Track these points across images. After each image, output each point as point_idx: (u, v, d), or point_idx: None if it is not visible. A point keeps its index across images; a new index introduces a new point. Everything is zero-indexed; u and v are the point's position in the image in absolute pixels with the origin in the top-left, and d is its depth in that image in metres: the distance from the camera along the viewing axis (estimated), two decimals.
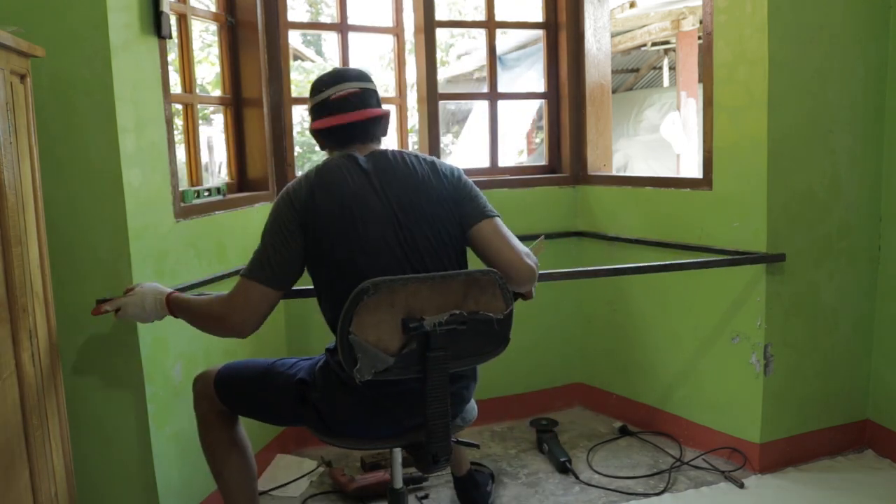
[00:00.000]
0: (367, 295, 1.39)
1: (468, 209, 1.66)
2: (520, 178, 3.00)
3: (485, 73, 3.51)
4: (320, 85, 1.71)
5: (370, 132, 1.71)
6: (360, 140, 1.69)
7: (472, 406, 1.78)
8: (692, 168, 6.32)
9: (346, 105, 1.68)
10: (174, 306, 1.67)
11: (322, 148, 1.77)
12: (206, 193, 2.32)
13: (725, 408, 2.52)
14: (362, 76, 1.73)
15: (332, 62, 10.20)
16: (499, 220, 1.68)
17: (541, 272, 2.12)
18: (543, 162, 3.15)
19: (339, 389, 1.60)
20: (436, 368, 1.45)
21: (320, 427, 1.67)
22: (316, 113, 1.72)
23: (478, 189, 1.72)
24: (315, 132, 1.72)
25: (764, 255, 2.33)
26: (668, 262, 2.35)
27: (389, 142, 1.92)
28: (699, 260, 2.42)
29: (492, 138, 3.14)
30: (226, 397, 1.76)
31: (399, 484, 1.78)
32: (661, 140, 6.94)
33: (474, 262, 1.67)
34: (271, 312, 1.60)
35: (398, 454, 1.77)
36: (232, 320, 1.57)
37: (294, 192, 1.60)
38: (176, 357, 2.03)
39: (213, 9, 2.57)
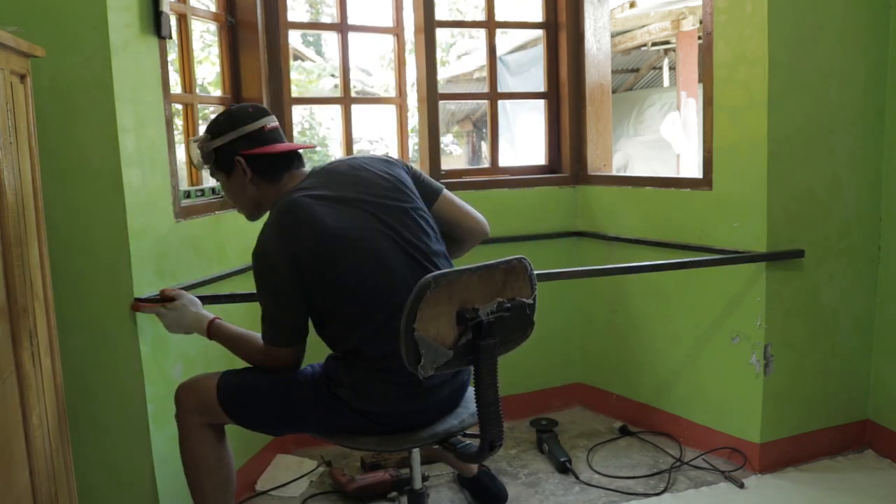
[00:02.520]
0: (429, 290, 1.41)
1: (425, 188, 1.80)
2: (520, 178, 3.00)
3: (485, 74, 3.51)
4: (246, 117, 1.70)
5: (301, 161, 1.77)
6: (294, 167, 1.74)
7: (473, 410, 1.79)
8: (692, 168, 6.32)
9: (280, 136, 1.75)
10: (214, 334, 1.76)
11: (230, 181, 1.73)
12: (198, 194, 2.33)
13: (725, 408, 2.52)
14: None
15: (332, 62, 10.20)
16: (448, 191, 1.86)
17: (542, 272, 2.13)
18: (544, 162, 3.15)
19: (373, 377, 1.62)
20: (487, 356, 1.49)
21: (354, 424, 1.67)
22: (248, 141, 1.69)
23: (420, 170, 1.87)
24: (251, 158, 1.69)
25: (781, 252, 2.34)
26: (686, 260, 2.34)
27: (389, 142, 1.96)
28: (716, 258, 2.41)
29: (492, 138, 3.15)
30: (236, 409, 1.70)
31: (419, 485, 1.79)
32: (661, 140, 6.94)
33: None
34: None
35: (417, 454, 1.78)
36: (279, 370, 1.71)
37: (275, 246, 1.58)
38: (176, 357, 2.03)
39: (213, 9, 2.57)
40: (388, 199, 1.67)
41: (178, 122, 2.62)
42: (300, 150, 1.77)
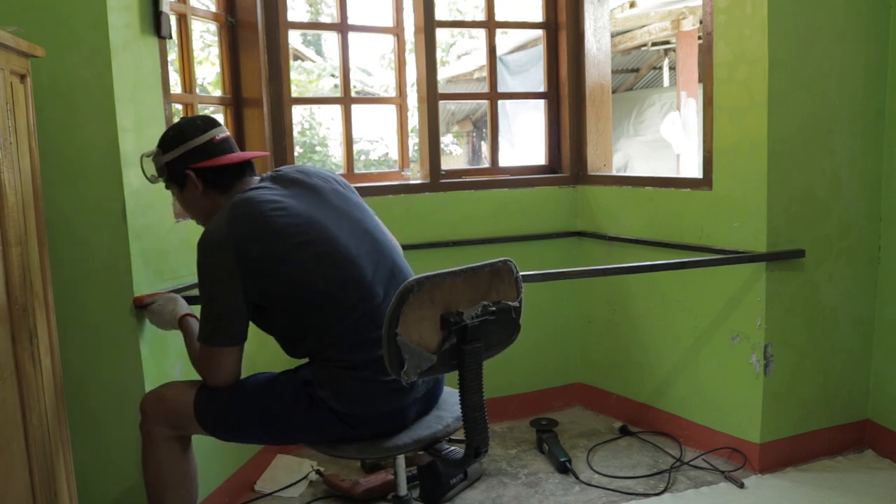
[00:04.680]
0: (412, 293, 1.38)
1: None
2: (520, 178, 3.00)
3: (485, 74, 3.51)
4: (194, 130, 1.70)
5: (252, 170, 1.77)
6: (246, 175, 1.74)
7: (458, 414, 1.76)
8: (692, 168, 6.32)
9: (230, 146, 1.74)
10: (181, 328, 1.77)
11: (183, 193, 1.73)
12: None
13: (725, 408, 2.52)
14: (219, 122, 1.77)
15: (332, 62, 10.20)
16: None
17: (542, 272, 2.13)
18: (544, 162, 3.15)
19: (348, 377, 1.59)
20: (472, 361, 1.46)
21: (337, 431, 1.62)
22: (198, 154, 1.68)
23: None
24: (202, 171, 1.69)
25: (781, 252, 2.33)
26: (686, 260, 2.33)
27: (389, 142, 1.95)
28: (716, 258, 2.41)
29: (492, 138, 3.15)
30: (213, 423, 1.66)
31: (404, 491, 1.77)
32: (661, 140, 6.94)
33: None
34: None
35: (402, 460, 1.76)
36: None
37: (224, 237, 1.57)
38: (176, 357, 2.03)
39: (213, 9, 2.57)
40: (334, 195, 1.73)
41: None
42: (251, 159, 1.77)
